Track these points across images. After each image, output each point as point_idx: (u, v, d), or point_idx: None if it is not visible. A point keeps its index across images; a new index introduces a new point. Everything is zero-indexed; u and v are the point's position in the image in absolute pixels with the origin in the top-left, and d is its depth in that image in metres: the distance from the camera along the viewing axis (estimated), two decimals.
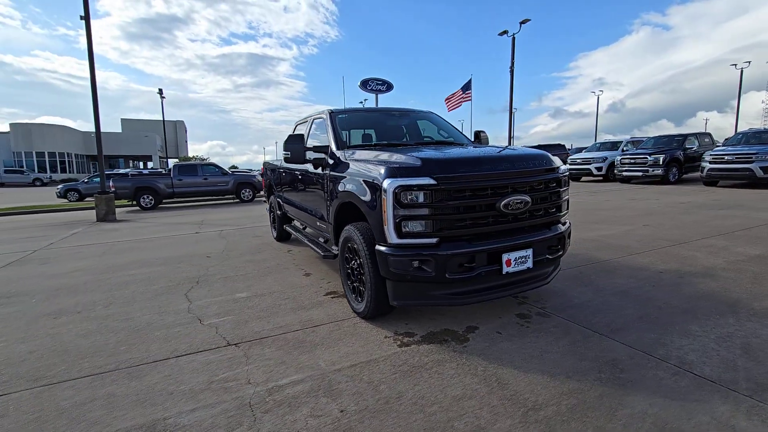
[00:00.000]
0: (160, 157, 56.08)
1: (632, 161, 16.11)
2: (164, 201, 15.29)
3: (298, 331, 3.17)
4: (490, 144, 4.85)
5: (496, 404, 2.11)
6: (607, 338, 2.80)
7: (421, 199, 2.70)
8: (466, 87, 49.82)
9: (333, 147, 3.93)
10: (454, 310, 3.43)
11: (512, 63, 20.43)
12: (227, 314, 3.58)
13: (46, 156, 45.25)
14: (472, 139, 4.94)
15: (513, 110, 21.95)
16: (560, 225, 3.26)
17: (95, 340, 3.15)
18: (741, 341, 2.67)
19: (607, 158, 17.37)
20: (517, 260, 2.90)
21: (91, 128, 59.38)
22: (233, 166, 56.26)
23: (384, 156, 3.16)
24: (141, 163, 57.51)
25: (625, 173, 16.29)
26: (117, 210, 13.52)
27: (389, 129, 4.52)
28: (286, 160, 4.07)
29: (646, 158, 15.61)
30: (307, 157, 4.01)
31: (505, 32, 20.37)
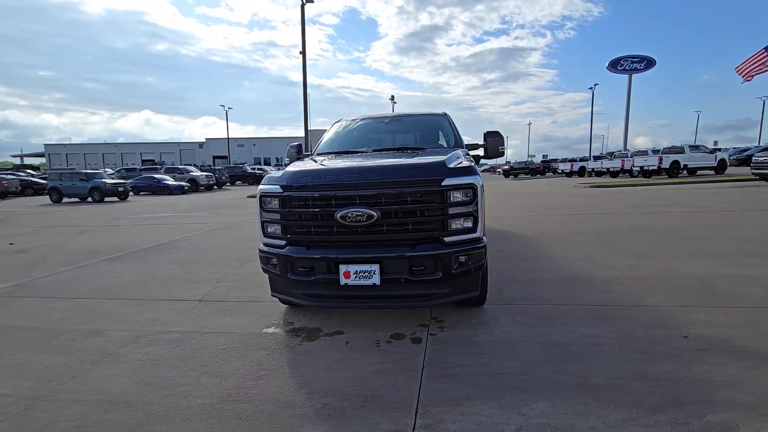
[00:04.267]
0: None
1: None
2: None
3: (246, 302, 4.03)
4: (500, 149, 4.26)
5: (224, 388, 2.43)
6: (410, 378, 2.44)
7: (274, 205, 3.07)
8: None
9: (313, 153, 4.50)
10: (370, 314, 3.49)
11: None
12: (237, 281, 4.79)
13: None
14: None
15: None
16: (440, 245, 2.85)
17: (164, 281, 4.94)
18: None
19: None
20: (358, 274, 2.84)
21: None
22: None
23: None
24: None
25: None
26: None
27: (379, 135, 4.63)
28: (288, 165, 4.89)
29: None
30: None
31: None
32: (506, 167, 48.12)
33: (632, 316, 3.22)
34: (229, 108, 44.42)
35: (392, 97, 39.76)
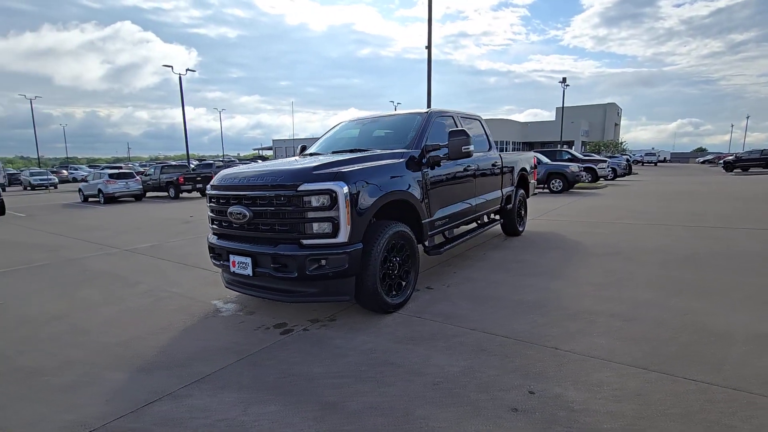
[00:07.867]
0: (582, 142, 57.74)
1: None
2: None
3: None
4: (463, 149, 3.92)
5: (130, 335, 3.31)
6: (229, 359, 2.77)
7: (208, 201, 3.77)
8: None
9: None
10: (290, 306, 3.90)
11: None
12: None
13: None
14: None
15: None
16: (296, 246, 3.03)
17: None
18: None
19: None
20: (239, 264, 3.30)
21: (533, 119, 69.40)
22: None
23: None
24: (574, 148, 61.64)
25: None
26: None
27: (349, 138, 4.75)
28: None
29: None
30: None
31: None
32: (730, 158, 36.82)
33: (517, 356, 2.67)
34: (398, 103, 48.13)
35: (564, 80, 35.42)
